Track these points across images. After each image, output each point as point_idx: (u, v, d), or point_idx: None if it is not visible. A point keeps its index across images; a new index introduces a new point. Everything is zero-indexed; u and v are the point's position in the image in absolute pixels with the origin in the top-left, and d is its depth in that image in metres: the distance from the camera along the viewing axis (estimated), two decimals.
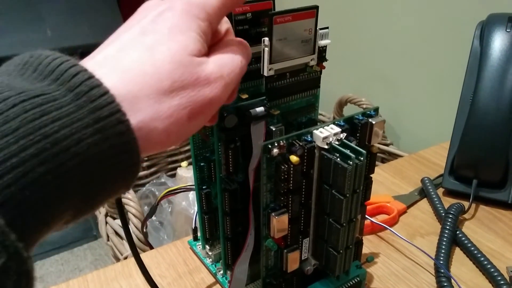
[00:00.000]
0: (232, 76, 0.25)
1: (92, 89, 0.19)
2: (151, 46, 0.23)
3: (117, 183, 0.21)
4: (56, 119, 0.18)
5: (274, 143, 0.30)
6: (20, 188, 0.17)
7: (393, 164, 0.66)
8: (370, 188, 0.37)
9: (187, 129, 0.23)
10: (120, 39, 0.23)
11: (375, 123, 0.34)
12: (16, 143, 0.17)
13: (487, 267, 0.43)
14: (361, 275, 0.39)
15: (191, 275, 0.45)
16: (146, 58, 0.22)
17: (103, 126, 0.19)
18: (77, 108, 0.19)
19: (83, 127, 0.18)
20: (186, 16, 0.24)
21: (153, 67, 0.22)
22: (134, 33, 0.23)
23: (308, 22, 0.32)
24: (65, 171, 0.18)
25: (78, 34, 1.36)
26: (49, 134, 0.18)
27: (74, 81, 0.19)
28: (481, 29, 0.57)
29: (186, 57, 0.23)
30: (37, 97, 0.18)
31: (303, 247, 0.35)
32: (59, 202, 0.18)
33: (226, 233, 0.38)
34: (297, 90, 0.36)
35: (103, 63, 0.22)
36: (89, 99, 0.19)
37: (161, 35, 0.23)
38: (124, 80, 0.21)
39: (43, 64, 0.20)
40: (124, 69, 0.21)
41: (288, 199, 0.32)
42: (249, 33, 0.35)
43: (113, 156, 0.19)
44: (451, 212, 0.49)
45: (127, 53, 0.22)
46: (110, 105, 0.19)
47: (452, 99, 0.60)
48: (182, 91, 0.22)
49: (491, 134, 0.52)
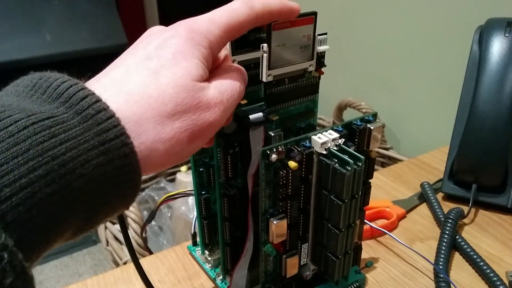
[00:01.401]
0: (231, 101, 0.26)
1: (98, 112, 0.20)
2: (156, 70, 0.23)
3: (118, 203, 0.22)
4: (64, 141, 0.19)
5: (273, 148, 0.31)
6: (28, 208, 0.17)
7: (392, 168, 0.66)
8: (369, 193, 0.37)
9: (187, 150, 0.24)
10: (126, 63, 0.24)
11: (373, 129, 0.34)
12: (25, 164, 0.18)
13: (486, 272, 0.43)
14: (360, 280, 0.39)
15: (190, 280, 0.45)
16: (150, 82, 0.23)
17: (108, 149, 0.20)
18: (84, 131, 0.19)
19: (89, 149, 0.19)
20: (190, 43, 0.25)
21: (157, 90, 0.23)
22: (139, 58, 0.24)
23: (306, 28, 0.33)
24: (70, 191, 0.19)
25: (77, 38, 1.36)
26: (57, 156, 0.18)
27: (82, 104, 0.20)
28: (480, 34, 0.57)
29: (189, 82, 0.24)
30: (46, 119, 0.19)
31: (302, 252, 0.35)
32: (63, 221, 0.19)
33: (225, 238, 0.38)
34: (295, 95, 0.36)
35: (109, 86, 0.22)
36: (95, 122, 0.20)
37: (166, 60, 0.24)
38: (128, 102, 0.22)
39: (52, 87, 0.20)
40: (129, 92, 0.22)
41: (286, 205, 0.32)
42: (248, 38, 0.35)
43: (116, 177, 0.20)
44: (451, 216, 0.49)
45: (132, 76, 0.23)
46: (116, 128, 0.20)
47: (452, 104, 0.60)
48: (184, 115, 0.23)
49: (490, 139, 0.52)
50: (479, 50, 0.56)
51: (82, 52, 1.35)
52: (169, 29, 0.26)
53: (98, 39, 1.38)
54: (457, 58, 0.70)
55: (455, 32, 0.81)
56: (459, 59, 0.65)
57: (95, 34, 1.38)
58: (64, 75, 0.21)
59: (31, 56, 1.30)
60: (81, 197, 0.19)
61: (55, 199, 0.18)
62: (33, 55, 1.30)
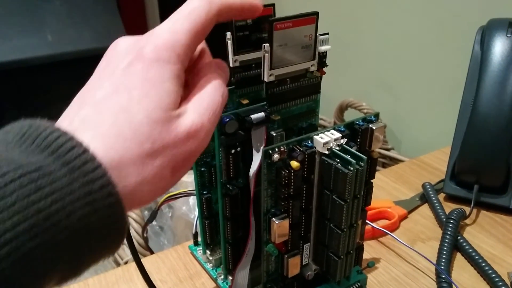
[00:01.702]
0: (213, 119, 0.25)
1: (85, 163, 0.20)
2: (126, 106, 0.22)
3: (103, 251, 0.21)
4: (50, 193, 0.19)
5: (275, 148, 0.31)
6: (11, 263, 0.17)
7: (394, 169, 0.66)
8: (370, 193, 0.37)
9: (171, 183, 0.24)
10: (94, 99, 0.23)
11: (375, 129, 0.34)
12: (10, 219, 0.17)
13: (488, 273, 0.43)
14: (362, 280, 0.39)
15: (191, 280, 0.45)
16: (123, 121, 0.22)
17: (93, 199, 0.19)
18: (70, 181, 0.19)
19: (74, 200, 0.19)
20: (157, 64, 0.23)
21: (131, 130, 0.22)
22: (107, 92, 0.23)
23: (308, 28, 0.33)
24: (54, 244, 0.18)
25: (78, 39, 1.37)
26: (42, 209, 0.18)
27: (70, 155, 0.20)
28: (481, 34, 0.57)
29: (163, 115, 0.23)
30: (34, 172, 0.19)
31: (303, 252, 0.35)
32: (46, 273, 0.19)
33: (227, 238, 0.38)
34: (297, 95, 0.36)
35: (83, 128, 0.22)
36: (82, 173, 0.19)
37: (134, 90, 0.23)
38: (105, 146, 0.21)
39: (41, 137, 0.20)
40: (104, 135, 0.21)
41: (288, 204, 0.32)
42: (249, 39, 0.35)
43: (101, 227, 0.20)
44: (452, 217, 0.49)
45: (103, 116, 0.22)
46: (102, 179, 0.20)
47: (453, 104, 0.60)
48: (163, 151, 0.22)
49: (492, 139, 0.52)
50: (481, 51, 0.56)
51: (83, 52, 1.35)
52: (134, 49, 0.24)
53: (99, 39, 1.38)
54: (459, 58, 0.70)
55: (456, 33, 0.81)
56: (461, 59, 0.65)
57: (96, 34, 1.39)
58: (52, 124, 0.21)
59: (32, 56, 1.30)
60: (65, 248, 0.19)
61: (38, 253, 0.18)
62: (34, 55, 1.30)
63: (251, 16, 0.30)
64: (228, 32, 0.34)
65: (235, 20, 0.33)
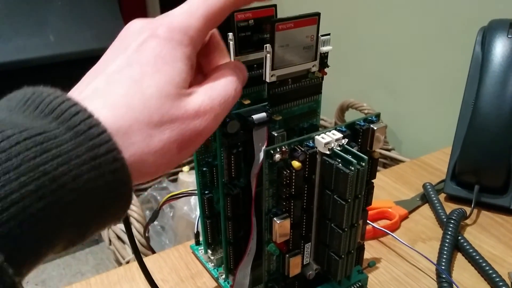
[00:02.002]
0: (224, 106, 0.25)
1: (90, 128, 0.20)
2: (138, 79, 0.23)
3: (109, 216, 0.22)
4: (55, 156, 0.19)
5: (276, 148, 0.31)
6: (18, 223, 0.17)
7: (394, 169, 0.66)
8: (371, 194, 0.37)
9: (176, 159, 0.24)
10: (107, 72, 0.23)
11: (376, 129, 0.34)
12: (16, 180, 0.18)
13: (488, 273, 0.43)
14: (363, 280, 0.39)
15: (193, 279, 0.45)
16: (134, 92, 0.22)
17: (99, 164, 0.20)
18: (75, 146, 0.19)
19: (80, 164, 0.19)
20: (170, 44, 0.24)
21: (141, 101, 0.22)
22: (120, 65, 0.23)
23: (310, 29, 0.33)
24: (61, 206, 0.19)
25: (80, 39, 1.37)
26: (48, 171, 0.18)
27: (74, 120, 0.20)
28: (482, 35, 0.57)
29: (173, 90, 0.23)
30: (38, 135, 0.19)
31: (305, 252, 0.36)
32: (54, 235, 0.19)
33: (228, 238, 0.38)
34: (299, 96, 0.36)
35: (93, 97, 0.22)
36: (87, 137, 0.20)
37: (147, 66, 0.23)
38: (115, 116, 0.21)
39: (45, 102, 0.20)
40: (114, 105, 0.22)
41: (290, 204, 0.32)
42: (251, 39, 0.35)
43: (107, 192, 0.20)
44: (453, 217, 0.49)
45: (115, 87, 0.22)
46: (107, 144, 0.20)
47: (454, 105, 0.61)
48: (172, 124, 0.23)
49: (493, 140, 0.52)
50: (481, 51, 0.56)
51: (85, 53, 1.35)
52: (148, 29, 0.25)
53: (101, 39, 1.39)
54: (459, 59, 0.70)
55: (457, 34, 0.81)
56: (461, 60, 0.65)
57: (98, 34, 1.39)
58: (56, 90, 0.21)
59: (34, 57, 1.31)
60: (72, 211, 0.19)
61: (45, 214, 0.18)
62: (36, 55, 1.31)
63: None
64: (230, 33, 0.34)
65: (237, 20, 0.34)
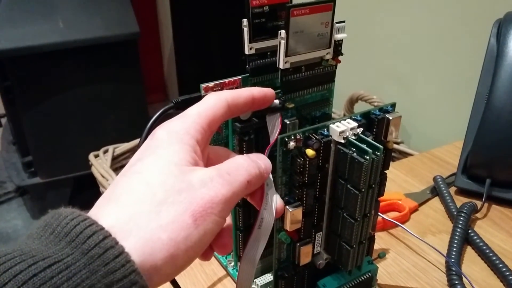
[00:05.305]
0: (235, 174, 0.25)
1: (106, 250, 0.19)
2: (138, 170, 0.24)
3: None
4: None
5: (291, 136, 0.30)
6: None
7: (405, 162, 0.66)
8: (384, 184, 0.37)
9: (195, 232, 0.23)
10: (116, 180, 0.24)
11: (392, 119, 0.34)
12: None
13: (499, 267, 0.43)
14: (373, 271, 0.39)
15: (202, 266, 0.45)
16: (137, 183, 0.23)
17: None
18: (89, 274, 0.19)
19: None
20: (167, 137, 0.25)
21: (143, 186, 0.23)
22: (126, 167, 0.25)
23: (325, 15, 0.32)
24: None
25: (90, 26, 1.37)
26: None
27: (89, 243, 0.19)
28: (498, 27, 0.56)
29: (174, 168, 0.24)
30: (48, 268, 0.18)
31: (315, 241, 0.35)
32: None
33: (238, 225, 0.38)
34: (312, 83, 0.36)
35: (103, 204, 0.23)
36: (102, 262, 0.19)
37: (146, 149, 0.25)
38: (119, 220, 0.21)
39: (61, 225, 0.20)
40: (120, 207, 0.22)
41: (302, 193, 0.32)
42: (265, 26, 0.34)
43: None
44: (463, 211, 0.48)
45: (126, 196, 0.23)
46: (123, 268, 0.19)
47: (464, 99, 0.60)
48: (178, 196, 0.22)
49: (507, 133, 0.52)
50: (497, 44, 0.55)
51: (94, 40, 1.35)
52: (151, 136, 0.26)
53: (110, 27, 1.38)
54: (473, 51, 0.69)
55: (470, 26, 0.80)
56: (473, 53, 0.64)
57: (107, 22, 1.39)
58: (75, 211, 0.21)
59: (44, 43, 1.31)
60: None
61: None
62: (45, 42, 1.31)
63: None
64: (245, 19, 0.33)
65: (252, 6, 0.33)
